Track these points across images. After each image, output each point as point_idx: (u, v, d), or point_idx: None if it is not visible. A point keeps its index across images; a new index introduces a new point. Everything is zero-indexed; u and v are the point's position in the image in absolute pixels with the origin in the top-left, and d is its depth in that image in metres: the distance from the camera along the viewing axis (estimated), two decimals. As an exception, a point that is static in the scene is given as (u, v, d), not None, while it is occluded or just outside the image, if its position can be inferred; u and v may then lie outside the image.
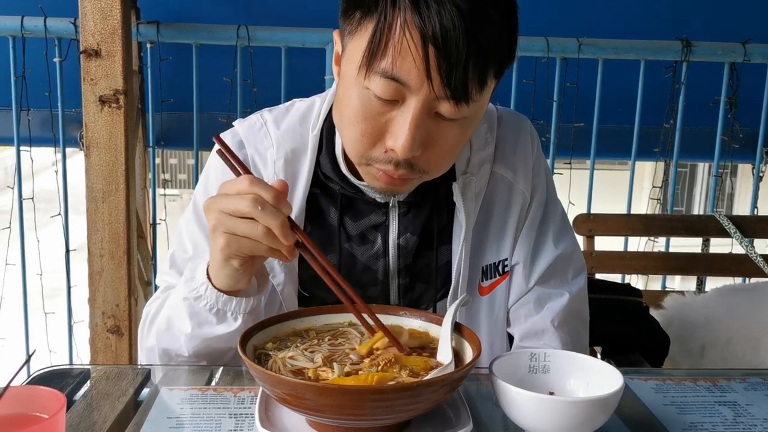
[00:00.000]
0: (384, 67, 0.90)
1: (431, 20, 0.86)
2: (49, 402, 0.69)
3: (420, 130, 0.93)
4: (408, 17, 0.87)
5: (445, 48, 0.87)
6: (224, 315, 1.01)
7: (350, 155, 1.03)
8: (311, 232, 1.14)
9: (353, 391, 0.76)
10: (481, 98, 0.94)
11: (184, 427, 0.87)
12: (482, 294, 1.18)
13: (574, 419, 0.80)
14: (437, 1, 0.87)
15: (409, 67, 0.89)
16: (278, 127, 1.14)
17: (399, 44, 0.88)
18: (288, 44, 2.34)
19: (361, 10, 0.92)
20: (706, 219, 2.23)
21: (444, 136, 0.96)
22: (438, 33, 0.87)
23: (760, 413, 0.95)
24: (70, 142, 2.43)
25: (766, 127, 2.55)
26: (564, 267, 1.21)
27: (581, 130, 2.52)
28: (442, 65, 0.88)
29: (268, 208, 0.88)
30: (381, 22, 0.89)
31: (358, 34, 0.93)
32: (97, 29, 1.98)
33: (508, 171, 1.17)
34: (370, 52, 0.90)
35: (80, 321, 2.39)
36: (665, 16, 2.55)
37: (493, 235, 1.17)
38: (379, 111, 0.94)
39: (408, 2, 0.87)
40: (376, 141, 0.96)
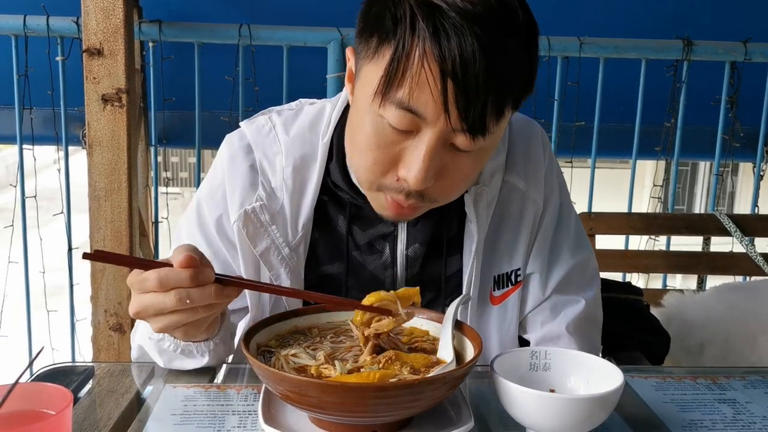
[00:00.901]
0: (400, 98, 0.87)
1: (451, 52, 0.84)
2: (55, 398, 0.69)
3: (434, 162, 0.91)
4: (427, 47, 0.85)
5: (464, 82, 0.85)
6: (191, 353, 1.00)
7: (359, 180, 1.02)
8: (319, 240, 1.12)
9: (356, 388, 0.77)
10: (498, 129, 0.92)
11: (188, 424, 0.87)
12: (494, 303, 1.16)
13: (574, 417, 0.81)
14: (458, 32, 0.84)
15: (426, 100, 0.87)
16: (287, 133, 1.12)
17: (417, 75, 0.86)
18: (290, 43, 2.35)
19: (379, 36, 0.89)
20: (706, 218, 2.24)
21: (458, 167, 0.95)
22: (458, 66, 0.84)
23: (759, 411, 0.96)
24: (73, 141, 2.44)
25: (766, 125, 2.55)
26: (580, 274, 1.21)
27: (582, 129, 2.52)
28: (460, 100, 0.86)
29: (194, 293, 0.84)
30: (399, 51, 0.86)
31: (374, 60, 0.90)
32: (100, 28, 1.99)
33: (519, 180, 1.15)
34: (387, 80, 0.88)
35: (83, 319, 2.40)
36: (666, 15, 2.55)
37: (505, 244, 1.15)
38: (393, 140, 0.92)
39: (427, 31, 0.85)
40: (389, 169, 0.94)
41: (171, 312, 0.86)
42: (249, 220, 1.08)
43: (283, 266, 1.09)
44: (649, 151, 2.63)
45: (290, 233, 1.10)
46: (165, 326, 0.89)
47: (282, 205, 1.09)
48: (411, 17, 0.86)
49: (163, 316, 0.87)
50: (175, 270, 0.84)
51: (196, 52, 2.36)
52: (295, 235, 1.10)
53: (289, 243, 1.09)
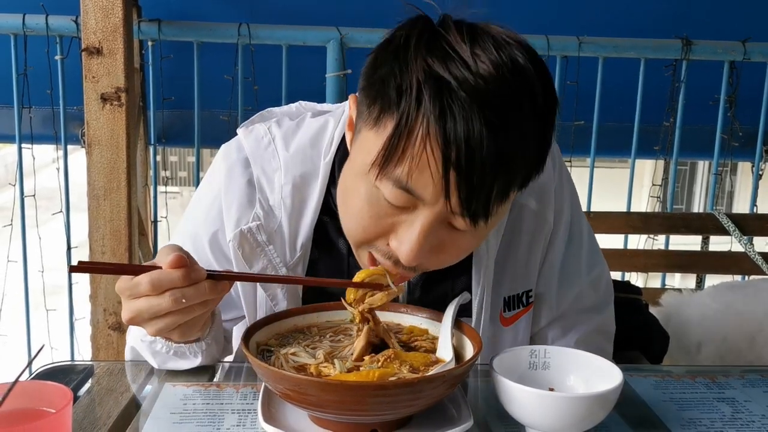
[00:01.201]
0: (398, 176, 0.82)
1: (456, 137, 0.78)
2: (55, 397, 0.69)
3: (428, 240, 0.86)
4: (431, 128, 0.78)
5: (468, 171, 0.79)
6: (183, 354, 0.99)
7: (348, 239, 0.96)
8: (319, 259, 1.08)
9: (355, 387, 0.77)
10: (502, 210, 0.88)
11: (187, 423, 0.87)
12: (505, 325, 1.13)
13: (573, 415, 0.81)
14: (465, 115, 0.77)
15: (426, 182, 0.81)
16: (287, 148, 1.06)
17: (418, 156, 0.80)
18: (289, 42, 2.35)
19: (382, 104, 0.83)
20: (705, 217, 2.24)
21: (455, 244, 0.90)
22: (462, 153, 0.78)
23: (758, 409, 0.96)
24: (72, 140, 2.44)
25: (765, 125, 2.56)
26: (593, 291, 1.20)
27: (581, 128, 2.52)
28: (463, 188, 0.80)
29: (189, 292, 0.83)
30: (401, 126, 0.80)
31: (375, 129, 0.84)
32: (99, 27, 1.99)
33: (530, 200, 1.09)
34: (386, 155, 0.82)
35: (81, 318, 2.40)
36: (665, 14, 2.55)
37: (516, 265, 1.11)
38: (388, 212, 0.86)
39: (433, 109, 0.78)
40: (379, 237, 0.90)
41: (166, 314, 0.85)
42: (245, 240, 1.04)
43: (279, 286, 1.07)
44: (648, 151, 2.63)
45: (288, 253, 1.05)
46: (160, 329, 0.87)
47: (280, 224, 1.05)
48: (417, 91, 0.79)
49: (158, 319, 0.86)
50: (166, 271, 0.83)
51: (196, 51, 2.36)
52: (293, 255, 1.06)
53: (286, 263, 1.05)
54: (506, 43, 0.81)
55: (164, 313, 0.85)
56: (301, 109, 1.18)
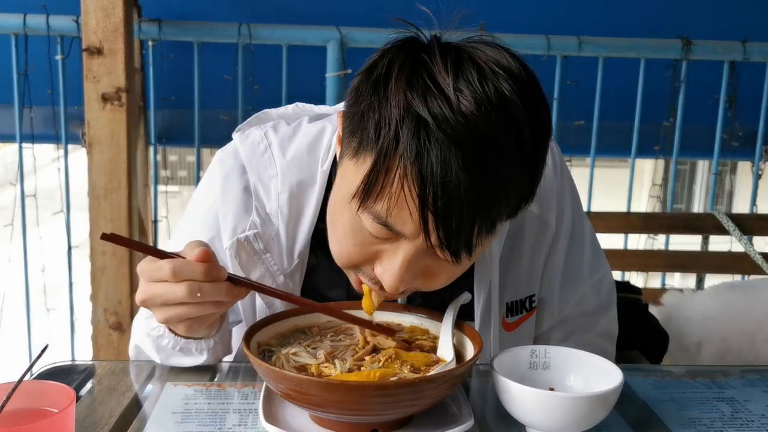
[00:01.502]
0: (378, 212, 0.81)
1: (434, 179, 0.75)
2: (58, 396, 0.70)
3: (412, 269, 0.85)
4: (408, 170, 0.76)
5: (445, 215, 0.77)
6: (189, 350, 0.99)
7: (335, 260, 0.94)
8: (317, 266, 1.07)
9: (356, 387, 0.78)
10: (488, 241, 0.86)
11: (189, 423, 0.88)
12: (507, 330, 1.12)
13: (573, 415, 0.81)
14: (443, 158, 0.75)
15: (405, 220, 0.80)
16: (284, 155, 1.05)
17: (396, 195, 0.78)
18: (289, 42, 2.35)
19: (360, 138, 0.81)
20: (705, 217, 2.25)
21: (441, 270, 0.88)
22: (439, 198, 0.76)
23: (757, 409, 0.96)
24: (72, 140, 2.44)
25: (765, 125, 2.56)
26: (596, 294, 1.20)
27: (581, 128, 2.52)
28: (441, 232, 0.79)
29: (206, 288, 0.83)
30: (379, 164, 0.78)
31: (354, 161, 0.83)
32: (99, 27, 1.99)
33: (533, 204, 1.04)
34: (365, 190, 0.80)
35: (82, 317, 2.40)
36: (665, 14, 2.55)
37: (519, 270, 1.11)
38: (370, 241, 0.85)
39: (410, 152, 0.76)
40: (365, 262, 0.88)
41: (179, 304, 0.85)
42: (242, 249, 1.03)
43: None
44: (648, 150, 2.63)
45: (285, 261, 1.05)
46: (170, 317, 0.87)
47: (277, 231, 1.04)
48: (395, 130, 0.77)
49: (170, 307, 0.86)
50: (190, 262, 0.83)
51: (196, 51, 2.36)
52: (290, 262, 1.05)
53: (284, 271, 1.05)
54: (493, 73, 0.78)
55: (177, 303, 0.85)
56: (298, 111, 1.16)
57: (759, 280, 1.99)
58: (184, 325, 0.90)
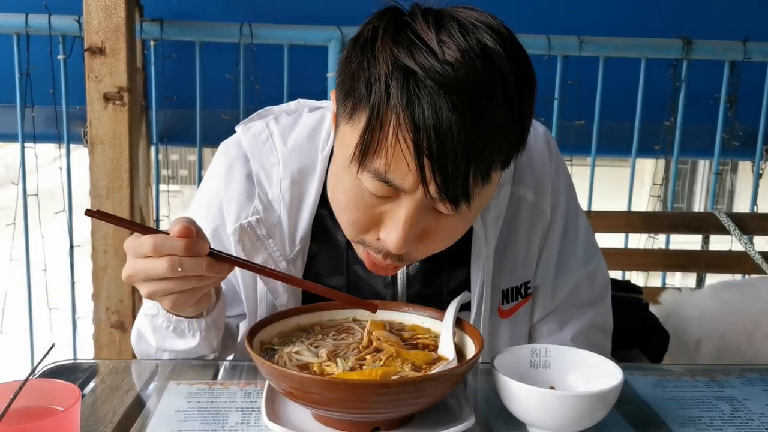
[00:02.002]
0: (377, 169, 0.84)
1: (426, 126, 0.79)
2: (63, 395, 0.70)
3: (415, 228, 0.87)
4: (401, 119, 0.80)
5: (440, 158, 0.80)
6: (182, 332, 1.01)
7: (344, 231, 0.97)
8: (318, 253, 1.10)
9: (358, 386, 0.78)
10: (486, 191, 0.88)
11: (192, 421, 0.88)
12: (503, 317, 1.14)
13: (574, 413, 0.82)
14: (433, 104, 0.78)
15: (404, 173, 0.83)
16: (285, 143, 1.08)
17: (392, 147, 0.81)
18: (290, 42, 2.35)
19: (354, 99, 0.85)
20: (705, 216, 2.25)
21: (442, 228, 0.91)
22: (433, 141, 0.79)
23: (757, 408, 0.96)
24: (74, 139, 2.44)
25: (765, 124, 2.56)
26: (589, 284, 1.20)
27: (582, 128, 2.53)
28: (438, 175, 0.81)
29: (187, 263, 0.84)
30: (373, 118, 0.82)
31: (350, 123, 0.86)
32: (101, 27, 2.00)
33: (528, 191, 1.11)
34: (362, 149, 0.84)
35: (84, 316, 2.41)
36: (666, 14, 2.56)
37: (515, 257, 1.12)
38: (372, 203, 0.88)
39: (401, 101, 0.79)
40: (370, 228, 0.91)
41: (162, 279, 0.86)
42: (245, 234, 1.06)
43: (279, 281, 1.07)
44: (649, 150, 2.64)
45: (288, 247, 1.07)
46: (153, 292, 0.89)
47: (279, 218, 1.07)
48: (385, 83, 0.81)
49: (153, 282, 0.87)
50: (170, 237, 0.85)
51: (197, 50, 2.37)
52: (292, 248, 1.07)
53: (286, 256, 1.07)
54: (473, 26, 0.82)
55: (160, 278, 0.86)
56: (299, 107, 1.18)
57: (757, 279, 1.99)
58: (169, 300, 0.91)
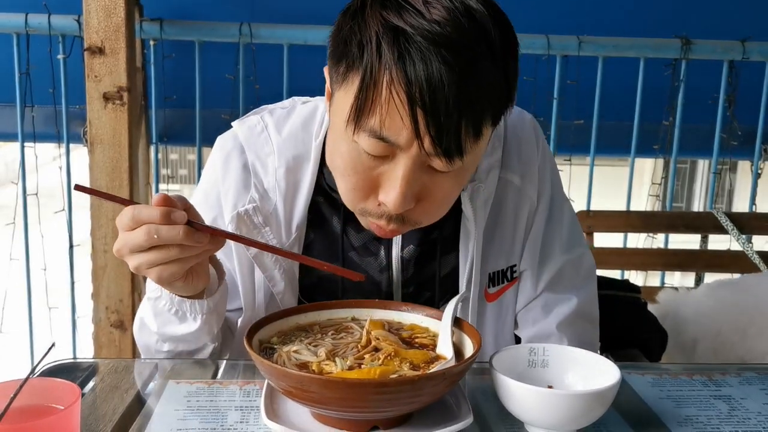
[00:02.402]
0: (372, 127, 0.87)
1: (418, 79, 0.82)
2: (64, 393, 0.71)
3: (412, 186, 0.90)
4: (393, 74, 0.83)
5: (433, 109, 0.83)
6: (184, 315, 1.02)
7: (345, 203, 1.01)
8: (314, 240, 1.12)
9: (357, 384, 0.78)
10: (477, 147, 0.91)
11: (191, 419, 0.89)
12: (489, 300, 1.16)
13: (571, 412, 0.82)
14: (424, 57, 0.82)
15: (398, 128, 0.86)
16: (279, 133, 1.11)
17: (386, 103, 0.84)
18: (290, 41, 2.36)
19: (347, 62, 0.88)
20: (704, 216, 2.26)
21: (438, 188, 0.94)
22: (425, 92, 0.82)
23: (754, 407, 0.97)
24: (74, 139, 2.45)
25: (764, 124, 2.57)
26: (573, 271, 1.21)
27: (581, 127, 2.53)
28: (432, 126, 0.84)
29: (163, 230, 0.86)
30: (366, 78, 0.85)
31: (344, 87, 0.90)
32: (101, 26, 2.00)
33: (515, 176, 1.14)
34: (357, 109, 0.87)
35: (83, 316, 2.41)
36: (665, 14, 2.56)
37: (501, 241, 1.15)
38: (370, 165, 0.91)
39: (392, 58, 0.83)
40: (369, 193, 0.94)
41: (145, 250, 0.88)
42: (242, 222, 1.08)
43: (276, 267, 1.09)
44: (648, 149, 2.64)
45: (284, 234, 1.09)
46: (139, 264, 0.89)
47: (275, 206, 1.09)
48: (376, 43, 0.84)
49: (137, 254, 0.89)
50: (147, 206, 0.87)
51: (197, 50, 2.38)
52: (289, 236, 1.10)
53: (282, 244, 1.09)
54: None
55: (143, 249, 0.88)
56: (293, 102, 1.21)
57: (751, 277, 2.00)
58: (155, 273, 0.91)
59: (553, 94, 2.49)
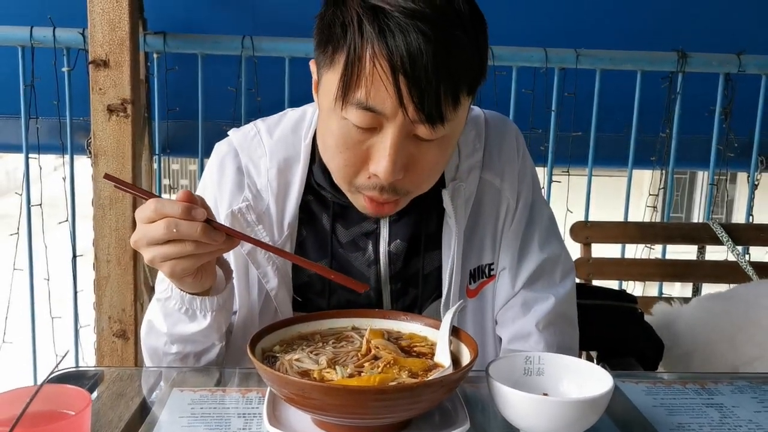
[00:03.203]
0: (359, 98, 0.93)
1: (398, 49, 0.89)
2: (75, 400, 0.73)
3: (400, 154, 0.96)
4: (376, 48, 0.90)
5: (414, 76, 0.90)
6: (194, 314, 1.06)
7: (338, 183, 1.07)
8: (306, 238, 1.18)
9: (357, 391, 0.81)
10: (457, 116, 0.97)
11: (196, 426, 0.91)
12: (470, 296, 1.21)
13: (565, 419, 0.84)
14: (402, 30, 0.89)
15: (383, 97, 0.92)
16: (271, 136, 1.18)
17: (371, 75, 0.91)
18: (291, 54, 2.39)
19: (333, 45, 0.95)
20: (700, 227, 2.28)
21: (424, 157, 1.00)
22: (406, 61, 0.89)
23: (745, 415, 0.99)
24: (77, 150, 2.47)
25: (760, 135, 2.59)
26: (550, 270, 1.23)
27: (579, 139, 2.56)
28: (414, 92, 0.91)
29: (182, 225, 0.90)
30: (351, 55, 0.92)
31: (331, 68, 0.96)
32: (106, 40, 2.03)
33: (495, 177, 1.20)
34: (344, 84, 0.93)
35: (86, 325, 2.43)
36: (661, 27, 2.59)
37: (481, 239, 1.20)
38: (360, 139, 0.97)
39: (374, 33, 0.90)
40: (360, 168, 1.00)
41: (162, 243, 0.91)
42: (236, 221, 1.13)
43: (269, 264, 1.14)
44: (645, 161, 2.67)
45: (276, 232, 1.15)
46: (154, 256, 0.93)
47: (268, 205, 1.15)
48: (358, 22, 0.92)
49: (154, 246, 0.92)
50: (171, 201, 0.91)
51: (200, 63, 2.41)
52: (281, 234, 1.15)
53: (275, 242, 1.14)
54: None
55: (160, 242, 0.91)
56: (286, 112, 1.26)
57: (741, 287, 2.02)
58: (168, 266, 0.94)
59: (551, 107, 2.51)
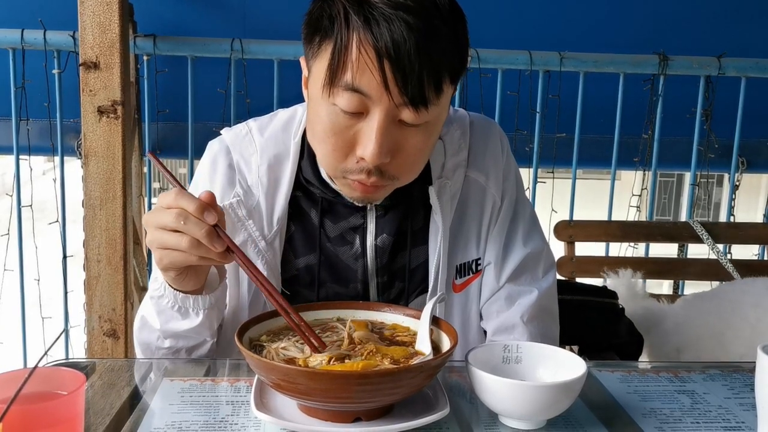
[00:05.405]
0: (346, 81, 0.98)
1: (383, 37, 0.95)
2: (69, 381, 0.76)
3: (386, 138, 1.00)
4: (362, 36, 0.96)
5: (398, 60, 0.96)
6: (186, 311, 1.09)
7: (326, 170, 1.12)
8: (295, 233, 1.21)
9: (340, 376, 0.84)
10: (440, 103, 1.02)
11: (185, 413, 0.94)
12: (456, 291, 1.25)
13: (540, 402, 0.88)
14: (387, 19, 0.95)
15: (369, 80, 0.97)
16: (262, 135, 1.22)
17: (357, 61, 0.97)
18: (280, 57, 2.42)
19: (320, 36, 1.01)
20: (681, 226, 2.33)
21: (410, 142, 1.04)
22: (390, 47, 0.95)
23: (715, 401, 1.03)
24: (68, 151, 2.50)
25: (740, 137, 2.64)
26: (534, 264, 1.27)
27: (563, 140, 2.61)
28: (398, 76, 0.96)
29: (191, 220, 0.94)
30: (338, 43, 0.97)
31: (320, 57, 1.01)
32: (96, 42, 2.05)
33: (480, 175, 1.24)
34: (332, 70, 0.99)
35: (76, 325, 2.45)
36: (643, 31, 2.64)
37: (467, 235, 1.24)
38: (347, 124, 1.02)
39: (360, 22, 0.96)
40: (348, 153, 1.04)
41: (167, 230, 0.96)
42: (227, 215, 1.15)
43: (259, 258, 1.17)
44: (629, 162, 2.72)
45: (266, 227, 1.18)
46: (153, 239, 0.97)
47: (258, 201, 1.18)
48: (344, 13, 0.97)
49: (159, 230, 0.97)
50: (191, 196, 0.95)
51: (190, 65, 2.44)
52: (270, 229, 1.19)
53: (265, 237, 1.18)
54: None
55: (166, 229, 0.96)
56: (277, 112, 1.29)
57: (725, 285, 2.07)
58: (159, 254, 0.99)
59: (536, 108, 2.56)
